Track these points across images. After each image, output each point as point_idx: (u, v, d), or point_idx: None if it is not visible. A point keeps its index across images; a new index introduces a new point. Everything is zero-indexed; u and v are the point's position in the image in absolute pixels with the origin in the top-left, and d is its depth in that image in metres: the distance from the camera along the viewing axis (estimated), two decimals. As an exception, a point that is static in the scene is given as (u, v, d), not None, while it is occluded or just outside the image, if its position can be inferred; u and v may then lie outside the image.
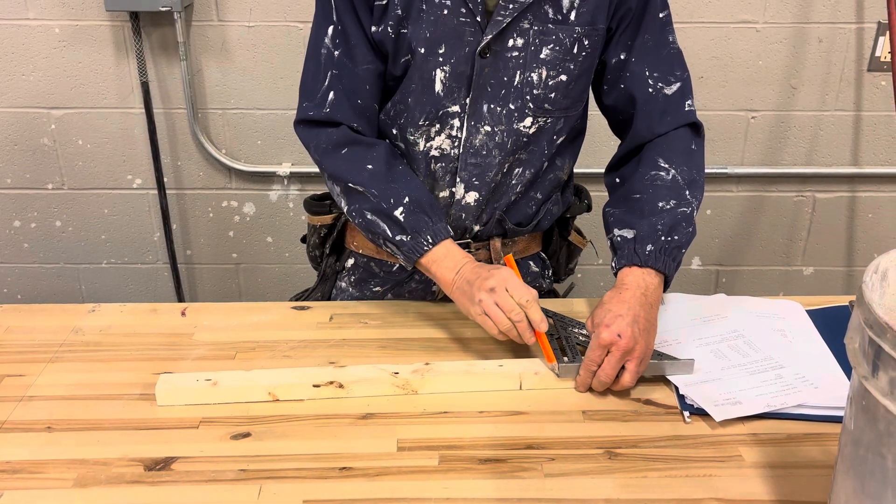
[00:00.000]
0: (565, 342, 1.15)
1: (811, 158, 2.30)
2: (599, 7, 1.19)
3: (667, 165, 1.22)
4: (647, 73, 1.24)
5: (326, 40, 1.21)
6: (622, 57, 1.25)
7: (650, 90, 1.24)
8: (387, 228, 1.20)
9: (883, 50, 2.15)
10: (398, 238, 1.19)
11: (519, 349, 1.19)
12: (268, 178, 2.31)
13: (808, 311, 1.27)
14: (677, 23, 1.28)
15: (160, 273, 2.44)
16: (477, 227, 1.32)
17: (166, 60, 2.17)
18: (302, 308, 1.31)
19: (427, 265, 1.19)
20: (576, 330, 1.18)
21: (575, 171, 1.41)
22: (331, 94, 1.22)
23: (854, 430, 0.73)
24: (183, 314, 1.28)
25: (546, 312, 1.23)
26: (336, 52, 1.21)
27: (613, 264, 1.18)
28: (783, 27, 2.14)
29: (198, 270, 2.45)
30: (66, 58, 2.15)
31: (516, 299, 1.09)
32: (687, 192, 1.20)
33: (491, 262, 1.34)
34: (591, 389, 1.09)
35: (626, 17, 1.22)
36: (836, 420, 1.01)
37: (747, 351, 1.16)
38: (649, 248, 1.15)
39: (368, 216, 1.21)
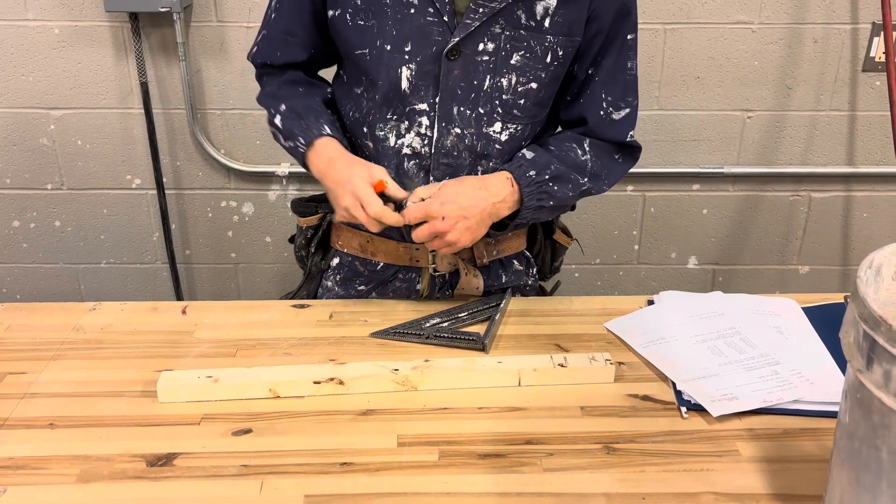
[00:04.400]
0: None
1: (806, 158, 2.31)
2: (578, 19, 1.20)
3: (588, 151, 1.28)
4: (604, 96, 1.27)
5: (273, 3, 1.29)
6: (590, 72, 1.26)
7: (601, 114, 1.28)
8: (279, 136, 1.29)
9: (877, 50, 2.16)
10: (286, 145, 1.29)
11: (518, 347, 1.20)
12: (266, 178, 2.32)
13: (804, 309, 1.28)
14: (673, 23, 1.29)
15: (159, 273, 2.45)
16: None
17: (165, 61, 2.17)
18: (302, 306, 1.32)
19: (310, 165, 1.26)
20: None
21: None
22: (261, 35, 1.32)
23: (849, 422, 0.74)
24: (184, 312, 1.29)
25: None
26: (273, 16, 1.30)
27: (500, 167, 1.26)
28: (778, 27, 2.15)
29: (197, 270, 2.46)
30: (65, 58, 2.16)
31: (370, 214, 1.17)
32: (586, 179, 1.28)
33: (474, 262, 1.36)
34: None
35: (599, 34, 1.23)
36: (832, 415, 1.02)
37: (744, 347, 1.17)
38: (532, 173, 1.22)
39: (272, 129, 1.31)
